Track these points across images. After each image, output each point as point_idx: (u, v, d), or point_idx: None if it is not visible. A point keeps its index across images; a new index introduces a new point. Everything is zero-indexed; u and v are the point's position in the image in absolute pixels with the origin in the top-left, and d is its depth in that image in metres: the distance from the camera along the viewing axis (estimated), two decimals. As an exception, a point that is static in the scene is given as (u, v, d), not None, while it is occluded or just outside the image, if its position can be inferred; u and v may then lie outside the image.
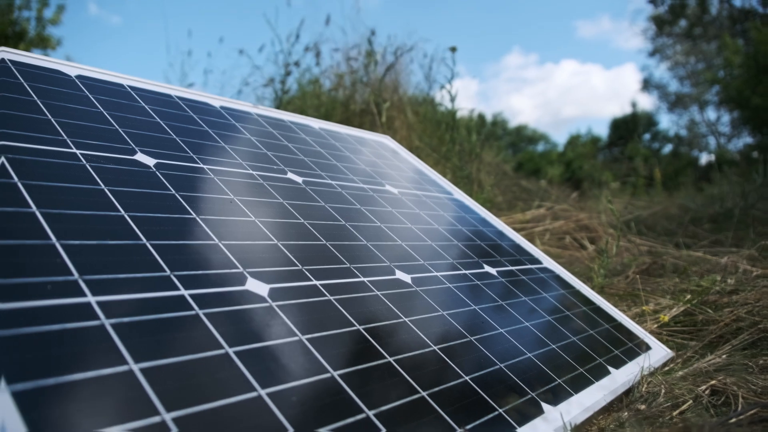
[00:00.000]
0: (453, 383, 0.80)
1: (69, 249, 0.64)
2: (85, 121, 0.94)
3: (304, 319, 0.75)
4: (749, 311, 1.34)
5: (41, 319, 0.54)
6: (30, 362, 0.49)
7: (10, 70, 0.98)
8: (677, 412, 0.85)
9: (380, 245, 1.09)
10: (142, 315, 0.61)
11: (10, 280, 0.56)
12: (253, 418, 0.56)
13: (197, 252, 0.77)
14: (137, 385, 0.53)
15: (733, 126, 19.13)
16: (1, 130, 0.79)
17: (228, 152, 1.12)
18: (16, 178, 0.72)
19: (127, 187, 0.82)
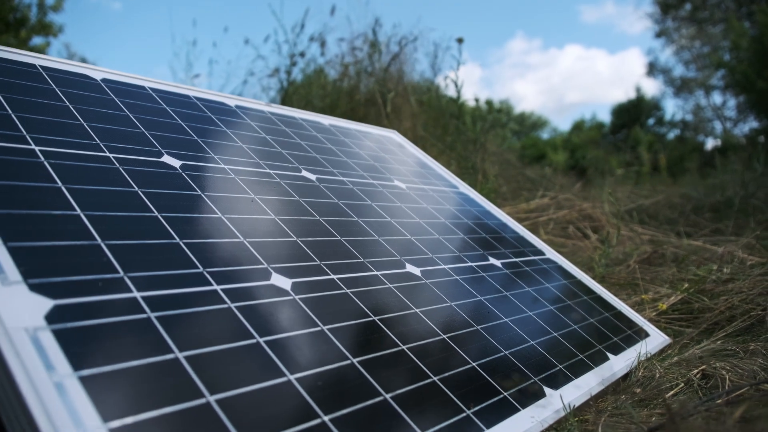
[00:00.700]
0: (461, 369, 0.86)
1: (113, 248, 0.71)
2: (114, 124, 1.00)
3: (325, 311, 0.82)
4: (743, 299, 1.40)
5: (97, 313, 0.60)
6: (92, 352, 0.56)
7: (42, 76, 1.04)
8: (670, 395, 0.91)
9: (391, 240, 1.15)
10: (181, 308, 0.68)
11: (68, 278, 0.62)
12: (284, 401, 0.63)
13: (225, 249, 0.83)
14: (183, 371, 0.59)
15: (739, 110, 19.01)
16: (43, 137, 0.85)
17: (246, 152, 1.18)
18: (60, 183, 0.78)
19: (157, 189, 0.89)
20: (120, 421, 0.51)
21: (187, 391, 0.57)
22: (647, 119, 21.87)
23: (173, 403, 0.55)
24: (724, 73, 19.32)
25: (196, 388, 0.58)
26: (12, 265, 0.61)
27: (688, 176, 5.64)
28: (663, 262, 2.07)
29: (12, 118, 0.86)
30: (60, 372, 0.52)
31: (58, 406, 0.49)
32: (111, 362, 0.56)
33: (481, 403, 0.81)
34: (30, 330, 0.55)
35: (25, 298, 0.58)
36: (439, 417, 0.73)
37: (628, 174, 4.10)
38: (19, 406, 0.49)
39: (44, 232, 0.68)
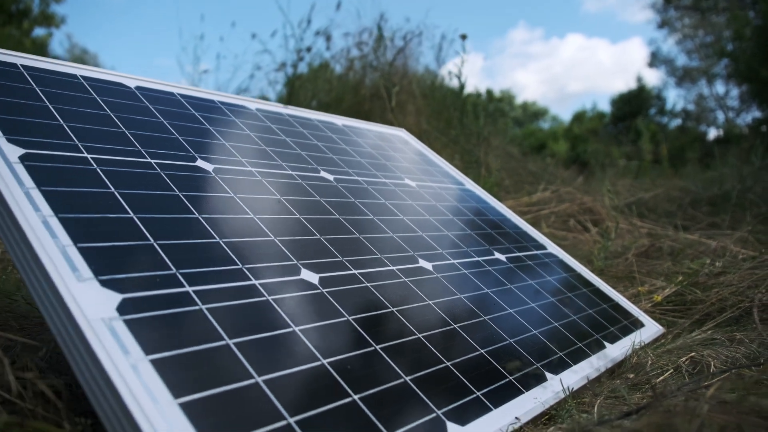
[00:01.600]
0: (471, 355, 0.95)
1: (164, 248, 0.80)
2: (151, 131, 1.09)
3: (349, 303, 0.91)
4: (733, 292, 1.49)
5: (158, 305, 0.70)
6: (157, 338, 0.65)
7: (83, 86, 1.12)
8: (660, 380, 1.00)
9: (404, 236, 1.24)
10: (227, 301, 0.77)
11: (131, 275, 0.72)
12: (318, 381, 0.72)
13: (259, 247, 0.92)
14: (234, 356, 0.68)
15: (742, 100, 18.98)
16: (92, 145, 0.94)
17: (269, 154, 1.27)
18: (113, 188, 0.87)
19: (195, 192, 0.98)
20: (187, 398, 0.60)
21: (240, 373, 0.67)
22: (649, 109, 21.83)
23: (225, 383, 0.65)
24: (727, 62, 19.27)
25: (246, 370, 0.67)
26: (84, 263, 0.70)
27: (690, 167, 5.71)
28: (660, 255, 2.16)
29: (64, 128, 0.95)
30: (134, 356, 0.62)
31: (137, 385, 0.58)
32: (174, 348, 0.65)
33: (489, 386, 0.90)
34: (106, 320, 0.64)
35: (98, 292, 0.67)
36: (453, 397, 0.83)
37: (629, 167, 4.17)
38: (105, 384, 0.58)
39: (106, 234, 0.77)
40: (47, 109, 0.97)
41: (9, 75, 1.02)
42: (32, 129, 0.90)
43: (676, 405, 0.61)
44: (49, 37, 15.53)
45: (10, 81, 1.00)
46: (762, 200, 2.73)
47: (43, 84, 1.04)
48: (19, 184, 0.77)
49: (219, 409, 0.61)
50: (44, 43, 15.42)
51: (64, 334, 0.63)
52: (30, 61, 1.10)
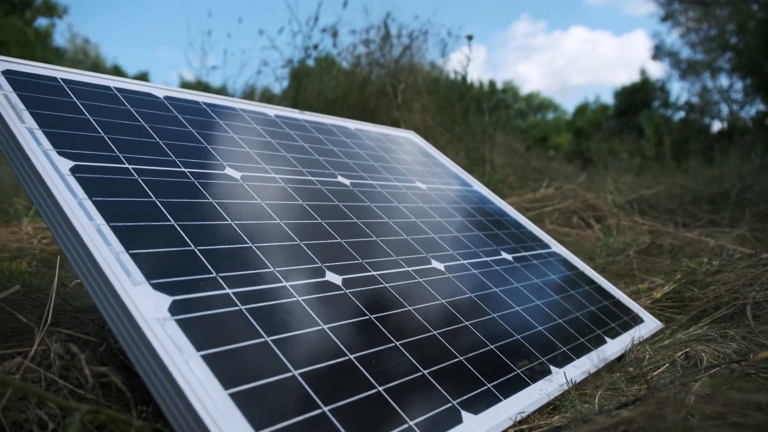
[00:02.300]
0: (481, 350, 1.03)
1: (204, 253, 0.88)
2: (181, 140, 1.17)
3: (369, 303, 0.99)
4: (728, 290, 1.56)
5: (203, 306, 0.77)
6: (206, 336, 0.73)
7: (117, 98, 1.19)
8: (656, 373, 1.08)
9: (417, 238, 1.31)
10: (263, 302, 0.85)
11: (177, 278, 0.79)
12: (349, 375, 0.80)
13: (286, 251, 1.00)
14: (273, 352, 0.76)
15: (746, 93, 18.96)
16: (132, 155, 1.02)
17: (290, 161, 1.34)
18: (154, 197, 0.95)
19: (227, 199, 1.05)
20: (235, 389, 0.68)
21: (278, 367, 0.75)
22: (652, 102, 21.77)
23: (268, 376, 0.73)
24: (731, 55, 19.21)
25: (284, 364, 0.75)
26: (136, 268, 0.78)
27: (692, 161, 5.77)
28: (660, 252, 2.24)
29: (105, 140, 1.03)
30: (187, 352, 0.69)
31: (192, 378, 0.66)
32: (220, 345, 0.73)
33: (498, 379, 0.98)
34: (160, 320, 0.72)
35: (151, 295, 0.75)
36: (466, 389, 0.91)
37: (631, 165, 4.23)
38: (165, 377, 0.66)
39: (152, 241, 0.84)
40: (89, 122, 1.05)
41: (51, 89, 1.09)
42: (78, 142, 0.98)
43: (668, 396, 0.69)
44: (52, 27, 15.53)
45: (53, 95, 1.08)
46: (761, 199, 2.80)
47: (82, 97, 1.12)
48: (72, 195, 0.85)
49: (263, 398, 0.69)
50: (48, 33, 15.43)
51: (125, 332, 0.71)
52: (67, 74, 1.18)
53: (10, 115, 0.94)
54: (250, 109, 1.49)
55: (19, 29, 13.44)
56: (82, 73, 1.21)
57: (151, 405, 0.72)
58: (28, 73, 1.10)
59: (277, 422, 0.67)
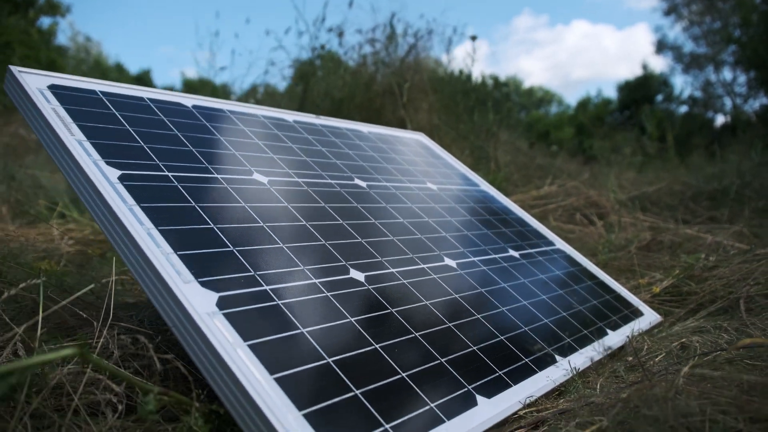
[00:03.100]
0: (493, 341, 1.12)
1: (241, 253, 0.97)
2: (211, 147, 1.25)
3: (390, 298, 1.08)
4: (724, 284, 1.65)
5: (245, 301, 0.87)
6: (250, 328, 0.82)
7: (151, 108, 1.28)
8: (654, 361, 1.17)
9: (430, 237, 1.40)
10: (296, 297, 0.94)
11: (221, 276, 0.88)
12: (376, 362, 0.89)
13: (313, 251, 1.09)
14: (308, 342, 0.85)
15: (750, 86, 18.95)
16: (169, 163, 1.11)
17: (310, 165, 1.43)
18: (193, 202, 1.04)
19: (257, 203, 1.14)
20: (280, 374, 0.77)
21: (314, 356, 0.84)
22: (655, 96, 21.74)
23: (307, 363, 0.82)
24: (735, 48, 19.17)
25: (319, 353, 0.85)
26: (184, 268, 0.87)
27: (695, 155, 5.83)
28: (660, 248, 2.32)
29: (145, 149, 1.12)
30: (234, 342, 0.79)
31: (243, 364, 0.75)
32: (263, 336, 0.82)
33: (508, 367, 1.07)
34: (210, 314, 0.81)
35: (200, 291, 0.84)
36: (479, 376, 1.00)
37: (633, 162, 4.31)
38: (218, 363, 0.75)
39: (195, 243, 0.93)
40: (129, 133, 1.14)
41: (92, 101, 1.18)
42: (122, 152, 1.07)
43: (661, 380, 0.77)
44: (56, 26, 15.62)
45: (95, 107, 1.16)
46: (759, 195, 2.88)
47: (119, 108, 1.21)
48: (123, 202, 0.94)
49: (303, 382, 0.78)
50: (52, 32, 15.52)
51: (179, 325, 0.80)
52: (104, 86, 1.26)
53: (61, 128, 1.03)
54: (271, 115, 1.58)
55: (22, 29, 13.52)
56: (118, 85, 1.29)
57: (205, 389, 0.81)
58: (69, 86, 1.19)
59: (317, 403, 0.76)
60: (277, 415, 0.71)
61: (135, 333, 0.86)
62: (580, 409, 0.84)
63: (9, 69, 1.13)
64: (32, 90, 1.09)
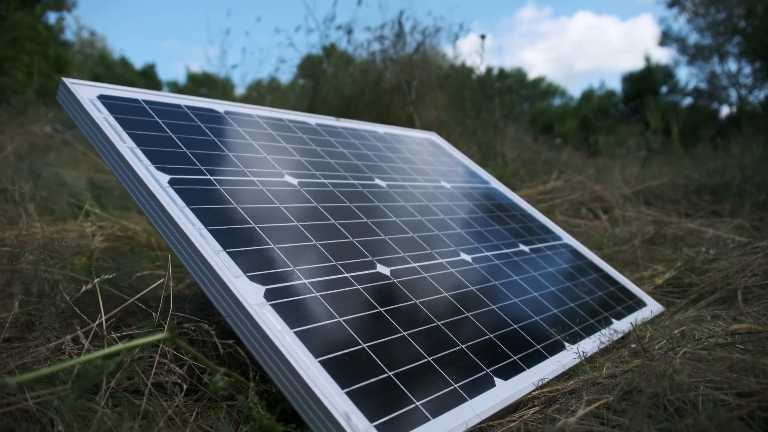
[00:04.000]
0: (507, 329, 1.22)
1: (281, 250, 1.07)
2: (245, 151, 1.35)
3: (414, 290, 1.18)
4: (723, 276, 1.74)
5: (288, 293, 0.97)
6: (295, 317, 0.92)
7: (188, 114, 1.38)
8: (655, 348, 1.26)
9: (447, 234, 1.50)
10: (331, 290, 1.04)
11: (265, 271, 0.99)
12: (404, 348, 0.99)
13: (343, 247, 1.19)
14: (344, 329, 0.96)
15: (755, 77, 18.91)
16: (210, 168, 1.21)
17: (334, 166, 1.53)
18: (235, 203, 1.14)
19: (290, 203, 1.24)
20: (323, 357, 0.87)
21: (350, 342, 0.94)
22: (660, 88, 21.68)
23: (346, 348, 0.92)
24: (740, 39, 19.11)
25: (355, 339, 0.95)
26: (233, 264, 0.97)
27: (700, 147, 5.89)
28: (663, 242, 2.41)
29: (188, 154, 1.22)
30: (282, 329, 0.89)
31: (292, 348, 0.86)
32: (306, 324, 0.92)
33: (521, 353, 1.17)
34: (260, 305, 0.91)
35: (249, 285, 0.94)
36: (496, 360, 1.10)
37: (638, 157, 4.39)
38: (270, 348, 0.86)
39: (240, 241, 1.04)
40: (172, 139, 1.24)
41: (136, 110, 1.28)
42: (169, 158, 1.17)
43: (660, 362, 0.87)
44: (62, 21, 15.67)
45: (139, 115, 1.27)
46: (759, 190, 2.96)
47: (161, 115, 1.31)
48: (175, 204, 1.04)
49: (343, 365, 0.88)
50: (60, 28, 15.58)
51: (233, 314, 0.91)
52: (145, 95, 1.36)
53: (114, 137, 1.14)
54: (295, 119, 1.68)
55: (29, 24, 13.56)
56: (157, 93, 1.39)
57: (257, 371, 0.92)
58: (116, 96, 1.29)
59: (357, 383, 0.86)
60: (324, 392, 0.81)
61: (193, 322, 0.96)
62: (587, 389, 0.94)
63: (62, 81, 1.23)
64: (85, 101, 1.19)
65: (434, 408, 0.90)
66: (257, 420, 0.82)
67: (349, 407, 0.81)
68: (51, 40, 13.25)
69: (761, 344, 0.93)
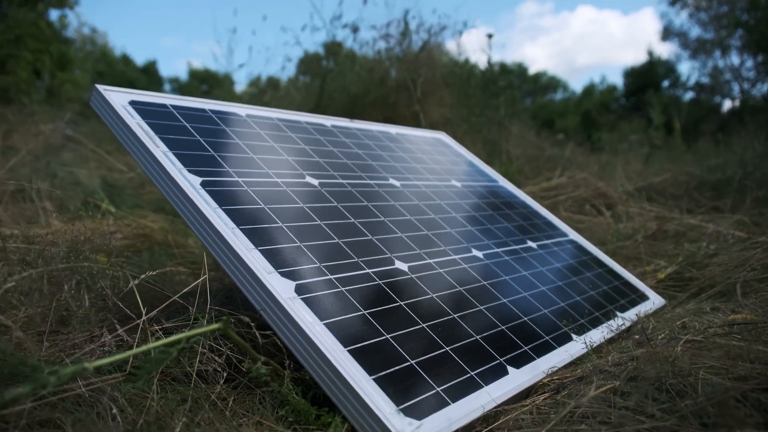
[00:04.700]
0: (517, 322, 1.29)
1: (307, 248, 1.14)
2: (268, 154, 1.42)
3: (430, 285, 1.25)
4: (723, 270, 1.81)
5: (314, 288, 1.04)
6: (323, 310, 1.00)
7: (213, 118, 1.45)
8: (658, 338, 1.34)
9: (459, 231, 1.57)
10: (355, 284, 1.11)
11: (294, 268, 1.06)
12: (423, 338, 1.07)
13: (363, 244, 1.26)
14: (371, 323, 1.03)
15: (758, 70, 18.90)
16: (237, 170, 1.28)
17: (350, 167, 1.60)
18: (263, 204, 1.21)
19: (313, 203, 1.31)
20: (351, 347, 0.95)
21: (375, 333, 1.01)
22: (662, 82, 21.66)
23: (371, 338, 0.99)
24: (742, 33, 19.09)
25: (379, 331, 1.02)
26: (265, 261, 1.04)
27: (702, 142, 5.95)
28: (665, 237, 2.48)
29: (216, 157, 1.29)
30: (312, 321, 0.96)
31: (324, 338, 0.93)
32: (334, 316, 1.00)
33: (532, 343, 1.24)
34: (292, 299, 0.99)
35: (281, 280, 1.02)
36: (509, 350, 1.17)
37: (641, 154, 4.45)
38: (303, 339, 0.93)
39: (270, 239, 1.11)
40: (200, 143, 1.31)
41: (165, 115, 1.35)
42: (199, 161, 1.24)
43: (661, 349, 0.94)
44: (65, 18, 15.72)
45: (169, 120, 1.34)
46: (760, 185, 3.03)
47: (188, 120, 1.38)
48: (209, 205, 1.11)
49: (369, 354, 0.96)
50: (63, 25, 15.63)
51: (267, 308, 0.98)
52: (173, 100, 1.43)
53: (148, 141, 1.21)
54: (312, 121, 1.75)
55: (32, 22, 13.61)
56: (183, 98, 1.46)
57: (291, 360, 0.99)
58: (146, 102, 1.36)
59: (382, 370, 0.94)
60: (354, 378, 0.89)
61: (232, 315, 1.03)
62: (594, 376, 1.02)
63: (95, 87, 1.31)
64: (118, 107, 1.27)
65: (453, 393, 0.97)
66: (293, 404, 0.90)
67: (376, 392, 0.89)
68: (54, 37, 13.31)
69: (757, 333, 1.00)
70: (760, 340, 0.95)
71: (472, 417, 0.94)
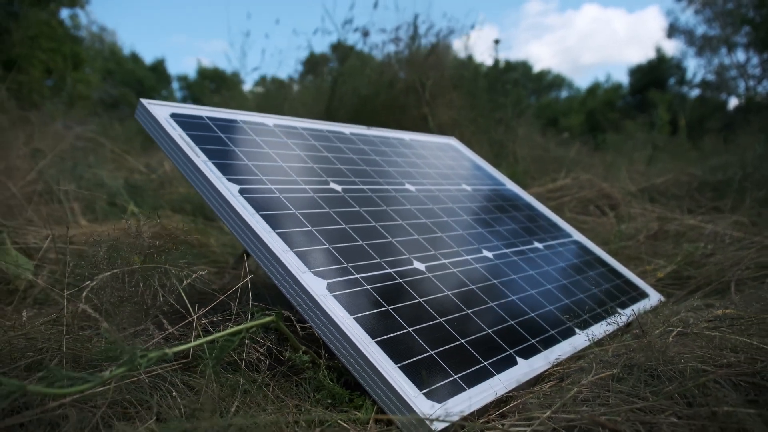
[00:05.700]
0: (525, 317, 1.41)
1: (336, 249, 1.26)
2: (294, 162, 1.54)
3: (445, 283, 1.37)
4: (719, 270, 1.92)
5: (343, 286, 1.16)
6: (353, 305, 1.12)
7: (244, 129, 1.57)
8: (655, 333, 1.45)
9: (470, 233, 1.69)
10: (379, 283, 1.23)
11: (324, 268, 1.18)
12: (441, 331, 1.19)
13: (384, 246, 1.38)
14: (394, 317, 1.15)
15: (764, 67, 18.87)
16: (270, 177, 1.40)
17: (369, 173, 1.72)
18: (293, 209, 1.33)
19: (337, 208, 1.43)
20: (378, 339, 1.07)
21: (398, 326, 1.13)
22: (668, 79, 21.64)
23: (395, 331, 1.11)
24: (748, 29, 19.05)
25: (402, 324, 1.14)
26: (299, 261, 1.17)
27: (706, 139, 6.03)
28: (666, 237, 2.59)
29: (250, 166, 1.41)
30: (344, 316, 1.08)
31: (354, 330, 1.05)
32: (362, 311, 1.12)
33: (539, 336, 1.36)
34: (324, 296, 1.11)
35: (314, 279, 1.14)
36: (517, 343, 1.29)
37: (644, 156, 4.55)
38: (336, 331, 1.05)
39: (302, 241, 1.23)
40: (235, 152, 1.43)
41: (202, 126, 1.47)
42: (235, 169, 1.36)
43: (656, 339, 1.06)
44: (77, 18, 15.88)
45: (206, 131, 1.46)
46: (760, 186, 3.12)
47: (223, 130, 1.50)
48: (247, 211, 1.23)
49: (394, 345, 1.08)
50: (75, 24, 15.79)
51: (303, 304, 1.10)
52: (208, 112, 1.56)
53: (190, 152, 1.33)
54: (333, 129, 1.87)
55: (44, 21, 13.75)
56: (217, 110, 1.59)
57: (325, 350, 1.11)
58: (184, 114, 1.48)
59: (406, 359, 1.06)
60: (382, 366, 1.01)
61: (271, 310, 1.15)
62: (596, 366, 1.13)
63: (140, 102, 1.43)
64: (162, 120, 1.39)
65: (468, 380, 1.09)
66: (329, 389, 1.02)
67: (402, 378, 1.01)
68: (66, 37, 13.49)
69: (742, 326, 1.12)
70: (745, 332, 1.07)
71: (486, 401, 1.06)
